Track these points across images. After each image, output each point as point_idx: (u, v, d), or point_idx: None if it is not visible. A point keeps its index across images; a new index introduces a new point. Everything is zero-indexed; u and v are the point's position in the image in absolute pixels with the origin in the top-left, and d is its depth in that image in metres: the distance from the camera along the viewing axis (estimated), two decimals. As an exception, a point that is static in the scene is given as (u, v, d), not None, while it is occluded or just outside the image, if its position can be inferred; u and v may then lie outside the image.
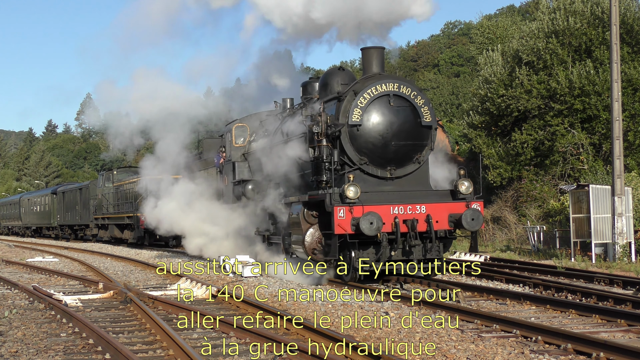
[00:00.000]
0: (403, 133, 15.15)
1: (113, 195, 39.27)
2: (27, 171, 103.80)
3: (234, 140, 20.98)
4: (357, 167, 15.08)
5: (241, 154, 20.76)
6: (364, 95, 15.01)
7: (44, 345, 9.80)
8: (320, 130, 14.92)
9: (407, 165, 15.39)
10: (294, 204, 15.94)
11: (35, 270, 22.24)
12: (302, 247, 15.21)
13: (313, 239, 15.18)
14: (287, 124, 17.68)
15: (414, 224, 14.26)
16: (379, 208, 14.21)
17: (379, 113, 15.09)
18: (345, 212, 14.09)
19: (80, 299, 14.14)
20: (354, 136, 15.02)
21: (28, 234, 59.11)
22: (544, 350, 8.53)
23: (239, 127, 21.06)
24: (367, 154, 15.09)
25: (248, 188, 19.78)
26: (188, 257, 26.34)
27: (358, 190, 14.33)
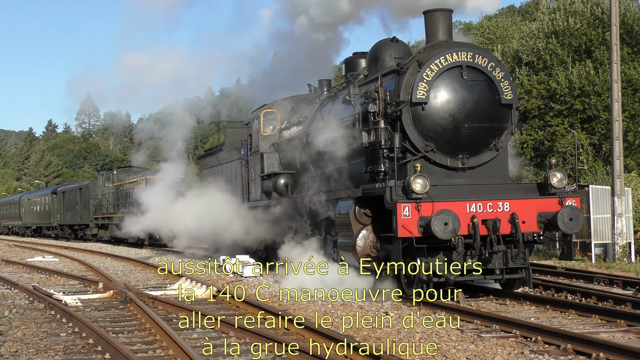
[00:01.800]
0: (478, 113, 12.68)
1: (113, 195, 39.27)
2: (27, 171, 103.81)
3: (262, 128, 18.51)
4: (422, 154, 12.67)
5: (270, 144, 18.37)
6: (431, 66, 12.55)
7: (44, 345, 9.80)
8: (377, 110, 12.65)
9: (483, 153, 12.95)
10: (341, 201, 13.58)
11: (35, 270, 22.24)
12: (353, 253, 12.93)
13: (366, 242, 12.88)
14: (327, 107, 15.54)
15: (496, 225, 11.78)
16: (453, 205, 11.72)
17: (450, 89, 12.63)
18: (411, 210, 11.67)
19: (80, 299, 14.14)
20: (419, 117, 12.59)
21: (28, 234, 59.12)
22: (544, 351, 8.53)
23: (267, 113, 18.59)
24: (433, 138, 12.65)
25: (280, 183, 17.37)
26: (188, 257, 26.35)
27: (427, 183, 11.79)
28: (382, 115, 12.68)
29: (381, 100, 12.68)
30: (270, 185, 17.67)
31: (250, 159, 19.32)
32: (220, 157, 22.80)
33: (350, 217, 12.98)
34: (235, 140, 21.17)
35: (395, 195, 11.99)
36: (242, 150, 20.05)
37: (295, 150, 16.90)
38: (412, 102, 12.52)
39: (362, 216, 12.97)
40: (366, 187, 12.81)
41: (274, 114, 18.58)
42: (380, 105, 12.67)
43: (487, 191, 12.48)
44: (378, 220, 12.84)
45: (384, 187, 12.24)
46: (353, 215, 12.97)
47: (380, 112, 12.68)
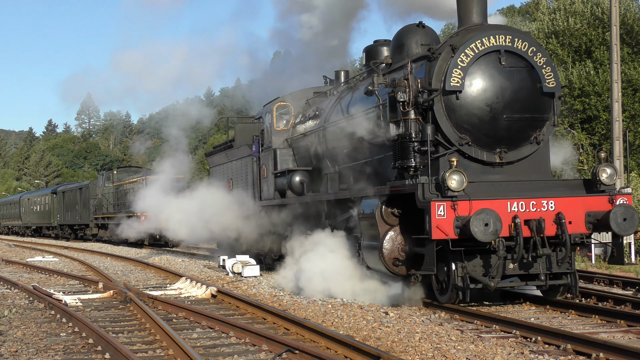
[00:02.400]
0: (518, 103, 11.67)
1: (113, 195, 39.28)
2: (27, 171, 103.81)
3: (275, 122, 17.46)
4: (455, 148, 11.59)
5: (284, 139, 17.39)
6: (466, 51, 11.51)
7: (44, 344, 9.80)
8: (407, 99, 11.57)
9: (522, 147, 11.91)
10: (365, 199, 12.50)
11: (35, 269, 22.25)
12: (378, 256, 11.83)
13: (394, 245, 11.78)
14: (347, 99, 14.50)
15: (541, 226, 10.75)
16: (493, 204, 10.71)
17: (486, 75, 11.61)
18: (446, 209, 10.61)
19: (80, 299, 14.15)
20: (452, 107, 11.55)
21: (28, 234, 59.14)
22: (544, 351, 8.53)
23: (281, 106, 17.55)
24: (469, 130, 11.59)
25: (295, 180, 16.22)
26: (188, 257, 26.36)
27: (464, 179, 10.77)
28: (413, 104, 11.58)
29: (411, 88, 11.58)
30: (284, 183, 16.59)
31: (262, 156, 18.38)
32: (229, 154, 21.83)
33: (376, 217, 11.88)
34: (245, 136, 20.31)
35: (428, 192, 10.94)
36: (253, 147, 19.08)
37: (310, 145, 15.95)
38: (446, 90, 11.46)
39: (389, 216, 11.89)
40: (394, 184, 11.74)
41: (287, 107, 17.56)
42: (411, 93, 11.56)
43: (529, 188, 11.44)
44: (406, 221, 11.76)
45: (415, 183, 11.13)
46: (379, 215, 11.87)
47: (411, 102, 11.56)
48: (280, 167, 17.04)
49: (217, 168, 23.21)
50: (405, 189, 11.39)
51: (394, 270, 11.82)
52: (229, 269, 18.08)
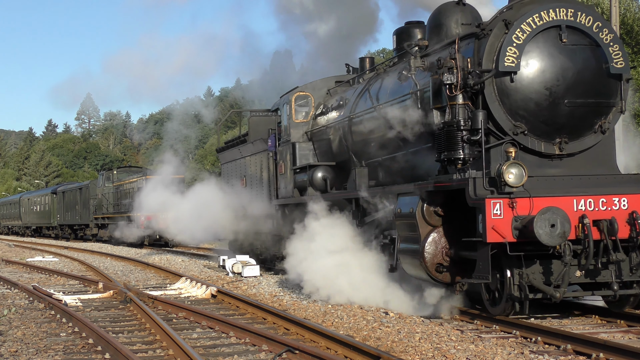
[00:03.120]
0: (581, 86, 10.27)
1: (113, 195, 39.30)
2: (27, 171, 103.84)
3: (294, 114, 16.22)
4: (509, 138, 10.20)
5: (303, 132, 16.14)
6: (522, 26, 10.13)
7: (44, 344, 9.80)
8: (455, 82, 10.19)
9: (585, 136, 10.51)
10: (402, 196, 11.19)
11: (35, 269, 22.26)
12: (419, 261, 10.48)
13: (437, 248, 10.41)
14: (376, 86, 13.30)
15: (613, 227, 9.48)
16: (557, 202, 9.51)
17: (545, 54, 10.20)
18: (503, 207, 9.40)
19: (80, 299, 14.15)
20: (506, 90, 10.18)
21: (28, 234, 59.16)
22: (544, 351, 8.52)
23: (300, 97, 16.31)
24: (524, 117, 10.23)
25: (317, 176, 14.90)
26: (188, 257, 26.36)
27: (523, 173, 9.51)
28: (461, 88, 10.22)
29: (460, 69, 10.20)
30: (304, 179, 15.25)
31: (279, 150, 17.09)
32: (243, 150, 20.56)
33: (416, 217, 10.51)
34: (260, 129, 19.12)
35: (481, 188, 9.61)
36: (269, 141, 17.86)
37: (333, 138, 14.79)
38: (499, 71, 10.09)
39: (432, 215, 10.54)
40: (439, 179, 10.42)
41: (307, 97, 16.31)
42: (459, 75, 10.18)
43: (595, 184, 10.10)
44: (452, 221, 10.50)
45: (465, 178, 9.84)
46: (420, 214, 10.51)
47: (459, 85, 10.20)
48: (300, 163, 15.74)
49: (229, 165, 22.20)
50: (453, 184, 10.04)
51: (437, 277, 10.41)
52: (229, 269, 18.09)
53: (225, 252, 23.97)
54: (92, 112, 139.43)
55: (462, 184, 9.87)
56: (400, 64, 12.75)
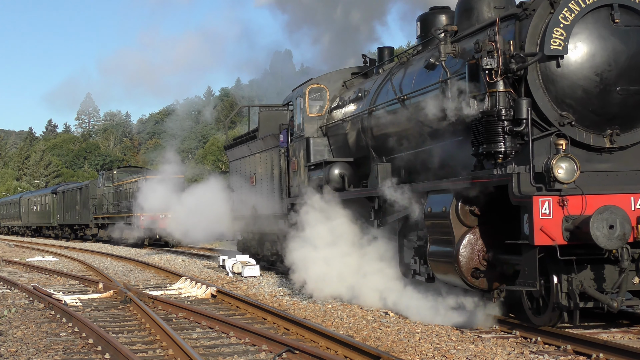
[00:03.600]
0: (635, 71, 9.27)
1: (113, 195, 39.31)
2: (27, 171, 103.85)
3: (308, 108, 15.25)
4: (555, 130, 9.26)
5: (318, 126, 15.21)
6: (569, 5, 9.15)
7: (44, 344, 9.80)
8: (495, 66, 9.23)
9: (639, 128, 9.50)
10: (433, 194, 10.32)
11: (35, 269, 22.26)
12: (453, 266, 9.63)
13: (473, 251, 9.56)
14: (399, 76, 12.38)
15: None
16: (613, 199, 8.65)
17: (595, 37, 9.23)
18: (552, 205, 8.53)
19: (80, 299, 14.15)
20: (551, 76, 9.23)
21: (28, 234, 59.17)
22: (544, 351, 8.52)
23: (314, 89, 15.38)
24: (572, 107, 9.27)
25: (334, 173, 13.90)
26: (188, 257, 26.36)
27: (575, 168, 8.67)
28: (502, 73, 9.25)
29: (500, 53, 9.23)
30: (320, 176, 14.33)
31: (291, 147, 16.12)
32: (252, 146, 19.60)
33: (450, 217, 9.64)
34: (271, 125, 18.30)
35: (527, 184, 8.75)
36: (280, 137, 16.94)
37: (351, 133, 13.98)
38: (544, 56, 9.13)
39: (467, 215, 9.65)
40: (477, 174, 9.50)
41: (322, 90, 15.38)
42: (500, 59, 9.20)
43: None
44: (491, 221, 9.65)
45: (508, 174, 8.95)
46: (454, 213, 9.64)
47: (500, 70, 9.23)
48: (314, 159, 14.84)
49: (238, 162, 21.32)
50: (493, 180, 9.14)
51: (473, 283, 9.54)
52: (229, 269, 18.09)
53: (229, 252, 23.99)
54: (92, 112, 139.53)
55: (504, 180, 8.96)
56: (425, 52, 11.93)
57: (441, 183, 10.22)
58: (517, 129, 9.17)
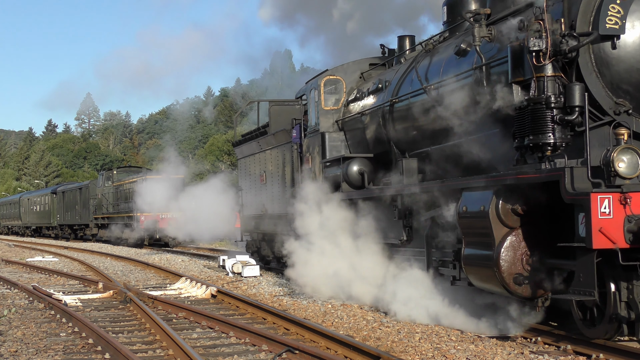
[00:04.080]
0: None
1: (113, 195, 39.31)
2: (27, 171, 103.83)
3: (323, 101, 14.47)
4: (610, 119, 8.38)
5: (334, 120, 14.45)
6: None
7: (44, 344, 9.79)
8: (543, 48, 8.28)
9: None
10: (468, 192, 9.33)
11: (34, 269, 22.25)
12: (493, 271, 8.70)
13: (516, 255, 8.64)
14: (424, 64, 11.49)
15: None
16: None
17: None
18: (612, 204, 7.62)
19: (79, 299, 14.15)
20: (606, 59, 8.35)
21: (28, 234, 59.17)
22: (544, 351, 8.52)
23: (330, 81, 14.60)
24: (629, 93, 8.40)
25: (352, 170, 13.06)
26: (188, 257, 26.36)
27: (639, 161, 7.73)
28: (551, 56, 8.32)
29: (549, 32, 8.28)
30: (337, 173, 13.53)
31: (305, 142, 15.33)
32: (262, 142, 18.71)
33: (489, 217, 8.71)
34: (282, 120, 17.47)
35: (583, 180, 7.83)
36: (293, 132, 16.10)
37: (369, 127, 13.14)
38: (600, 35, 8.21)
39: (509, 215, 8.71)
40: (523, 169, 8.56)
41: (338, 82, 14.58)
42: (549, 40, 8.25)
43: None
44: (531, 221, 8.78)
45: (559, 168, 8.05)
46: (494, 213, 8.71)
47: (549, 52, 8.28)
48: (330, 155, 14.16)
49: (247, 159, 20.42)
50: (542, 175, 8.22)
51: (515, 290, 8.62)
52: (229, 269, 18.09)
53: (229, 252, 23.99)
54: (92, 112, 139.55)
55: (554, 175, 8.01)
56: (452, 39, 11.10)
57: (479, 179, 9.17)
58: (569, 118, 8.26)
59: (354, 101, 14.13)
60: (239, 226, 30.93)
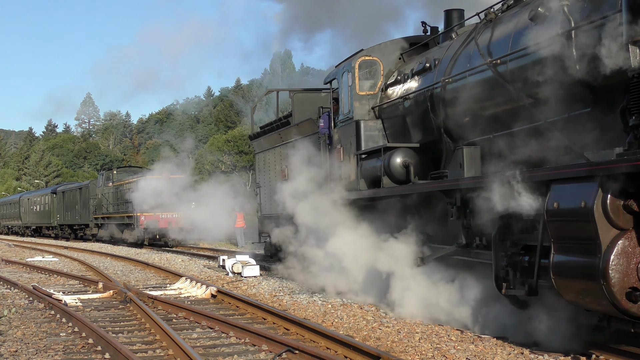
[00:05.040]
0: None
1: (113, 195, 39.31)
2: (27, 170, 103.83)
3: (358, 85, 13.01)
4: None
5: (370, 107, 13.01)
6: None
7: (44, 344, 9.79)
8: None
9: None
10: (559, 184, 7.52)
11: (34, 269, 22.25)
12: (599, 284, 6.96)
13: (630, 264, 6.93)
14: (486, 36, 9.79)
15: None
16: None
17: None
18: None
19: (79, 299, 14.14)
20: None
21: (28, 234, 59.17)
22: (544, 351, 8.51)
23: (365, 63, 13.11)
24: None
25: (395, 162, 11.56)
26: (188, 257, 26.36)
27: None
28: None
29: None
30: (376, 166, 12.08)
31: (335, 132, 13.91)
32: (285, 134, 17.16)
33: (594, 215, 6.96)
34: (307, 109, 16.07)
35: None
36: (320, 121, 14.57)
37: (414, 112, 11.69)
38: None
39: (619, 213, 6.96)
40: None
41: (374, 64, 13.08)
42: None
43: None
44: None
45: None
46: (600, 210, 6.96)
47: None
48: (366, 146, 12.76)
49: (266, 154, 18.82)
50: None
51: (628, 308, 6.88)
52: (229, 269, 18.09)
53: (229, 252, 23.98)
54: (92, 112, 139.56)
55: None
56: (518, 7, 9.60)
57: (579, 167, 7.30)
58: None
59: (393, 85, 12.65)
60: (240, 226, 30.88)
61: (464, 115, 10.35)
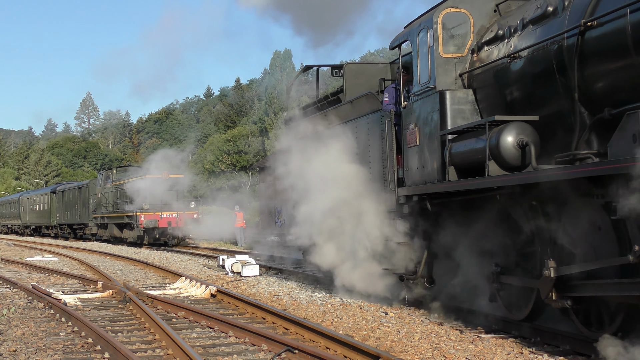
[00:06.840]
0: None
1: (112, 195, 39.30)
2: (27, 170, 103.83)
3: (442, 45, 10.17)
4: None
5: (457, 74, 10.18)
6: None
7: (43, 344, 9.79)
8: None
9: None
10: None
11: (34, 269, 22.25)
12: None
13: None
14: None
15: None
16: None
17: None
18: None
19: (79, 298, 14.14)
20: None
21: (27, 233, 59.18)
22: (544, 351, 8.52)
23: (451, 16, 10.22)
24: None
25: (506, 142, 8.51)
26: (188, 256, 26.36)
27: None
28: None
29: None
30: (476, 148, 9.03)
31: (406, 110, 11.02)
32: (333, 115, 13.80)
33: None
34: (362, 83, 13.44)
35: None
36: (385, 96, 11.82)
37: (526, 76, 8.84)
38: None
39: None
40: None
41: (463, 18, 10.24)
42: None
43: None
44: None
45: None
46: None
47: None
48: (453, 123, 9.82)
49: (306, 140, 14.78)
50: None
51: None
52: (229, 269, 18.09)
53: (228, 252, 23.95)
54: (92, 112, 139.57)
55: None
56: None
57: None
58: None
59: (490, 43, 9.82)
60: (240, 226, 30.90)
61: (620, 71, 7.46)
